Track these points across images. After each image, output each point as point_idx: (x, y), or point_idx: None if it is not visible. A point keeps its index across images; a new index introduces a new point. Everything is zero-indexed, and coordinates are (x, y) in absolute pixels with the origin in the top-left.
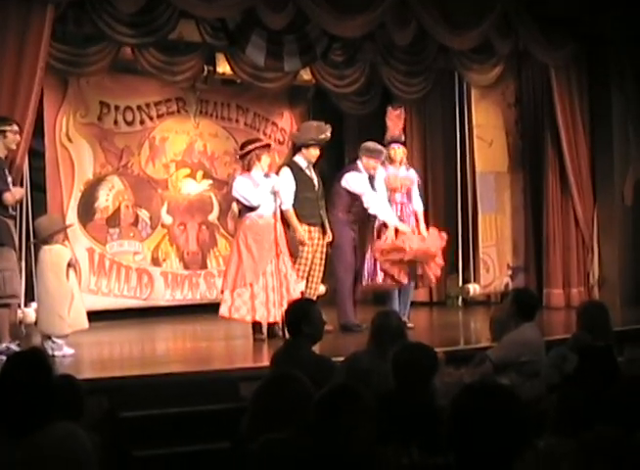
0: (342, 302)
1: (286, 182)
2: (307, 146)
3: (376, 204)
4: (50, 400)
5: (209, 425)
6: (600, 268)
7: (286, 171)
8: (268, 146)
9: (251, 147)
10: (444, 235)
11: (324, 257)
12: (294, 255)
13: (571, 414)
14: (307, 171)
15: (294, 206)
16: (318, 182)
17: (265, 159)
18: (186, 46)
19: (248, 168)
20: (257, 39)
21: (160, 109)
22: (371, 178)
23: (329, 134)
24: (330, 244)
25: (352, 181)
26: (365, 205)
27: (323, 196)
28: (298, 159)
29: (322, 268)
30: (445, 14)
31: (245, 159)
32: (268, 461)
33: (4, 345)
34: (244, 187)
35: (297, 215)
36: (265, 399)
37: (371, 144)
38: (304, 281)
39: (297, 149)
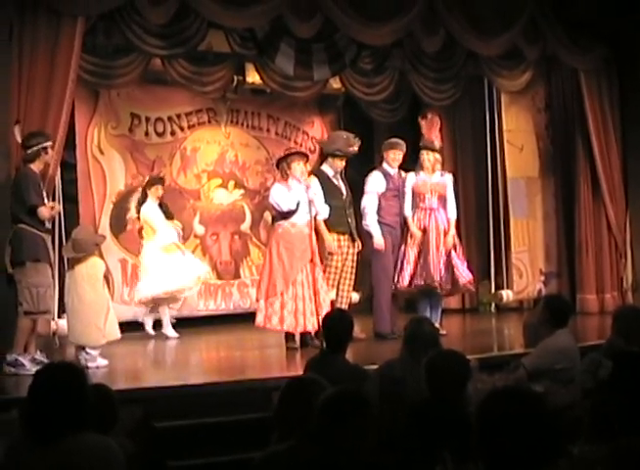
0: (379, 309)
1: (315, 191)
2: (334, 156)
3: (368, 206)
4: (82, 410)
5: (243, 434)
6: (633, 273)
7: (313, 180)
8: (300, 153)
9: (283, 155)
10: (469, 276)
11: (355, 265)
12: (322, 263)
13: (606, 420)
14: (334, 180)
15: None
16: (346, 190)
17: (296, 166)
18: (215, 56)
19: (284, 177)
20: (286, 48)
21: (191, 119)
22: (392, 178)
23: (356, 148)
24: (360, 252)
25: (369, 180)
26: (361, 205)
27: (351, 204)
28: (325, 167)
29: (353, 276)
30: (473, 20)
31: (279, 167)
32: None
33: (14, 356)
34: (278, 193)
35: (325, 224)
36: (285, 406)
37: (391, 139)
38: (335, 290)
39: (324, 157)
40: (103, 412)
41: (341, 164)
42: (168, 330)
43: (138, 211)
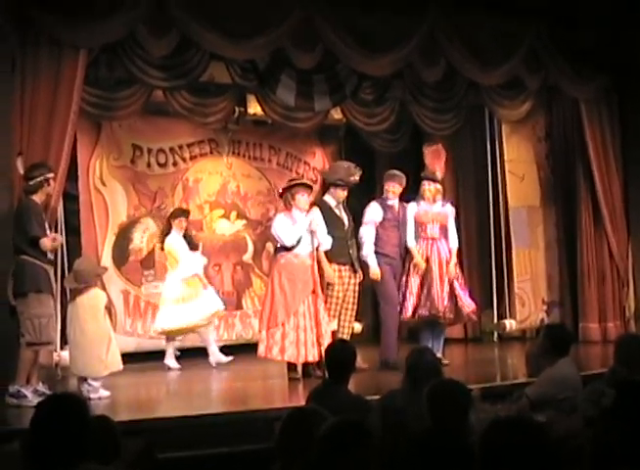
0: (385, 337)
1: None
2: (335, 186)
3: (365, 236)
4: (84, 441)
5: (246, 465)
6: (636, 301)
7: (315, 211)
8: (304, 185)
9: (286, 186)
10: (472, 305)
11: (356, 295)
12: (324, 294)
13: (608, 449)
14: (337, 210)
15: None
16: (348, 221)
17: (300, 197)
18: (217, 88)
19: (287, 207)
20: (287, 80)
21: (193, 150)
22: (391, 209)
23: (357, 178)
24: (362, 282)
25: (366, 210)
26: (359, 235)
27: (353, 235)
28: (328, 198)
29: (355, 307)
30: (474, 50)
31: (282, 198)
32: None
33: (16, 387)
34: (281, 226)
35: (326, 255)
36: (286, 436)
37: (392, 171)
38: (336, 320)
39: (326, 187)
40: (105, 444)
41: (342, 193)
42: (217, 356)
43: (161, 242)
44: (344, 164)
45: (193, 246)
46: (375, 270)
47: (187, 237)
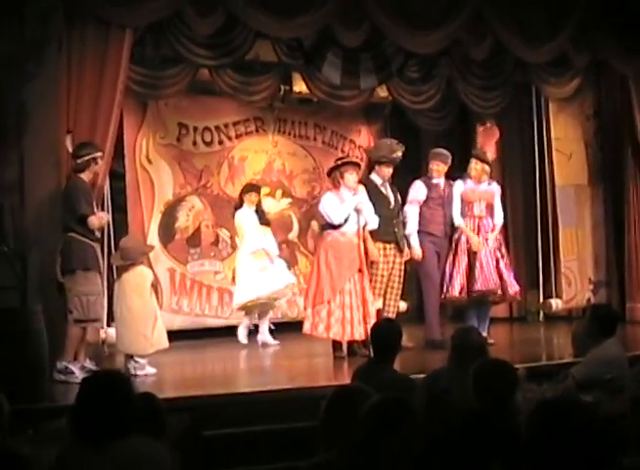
0: (428, 317)
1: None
2: (380, 163)
3: (409, 215)
4: (128, 416)
5: (290, 443)
6: None
7: (362, 190)
8: (354, 163)
9: (335, 164)
10: (516, 286)
11: (402, 274)
12: (369, 272)
13: None
14: (382, 189)
15: None
16: (394, 199)
17: (349, 176)
18: (262, 66)
19: (335, 186)
20: (333, 58)
21: (239, 129)
22: (436, 187)
23: (400, 154)
24: (408, 261)
25: (410, 189)
26: (403, 213)
27: (399, 213)
28: (374, 176)
29: (400, 286)
30: (522, 27)
31: (331, 176)
32: None
33: (63, 364)
34: (329, 204)
35: (371, 234)
36: (331, 415)
37: (437, 149)
38: (381, 299)
39: (372, 166)
40: (150, 421)
41: (388, 171)
42: (266, 336)
43: (232, 216)
44: (387, 141)
45: (264, 221)
46: (416, 250)
47: (259, 212)
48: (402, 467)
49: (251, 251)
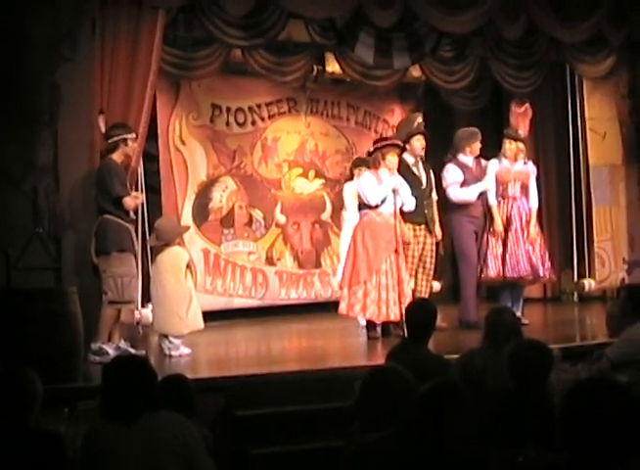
0: (465, 299)
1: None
2: (407, 141)
3: (456, 194)
4: (151, 393)
5: (325, 423)
6: None
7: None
8: (396, 145)
9: (377, 145)
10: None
11: (433, 254)
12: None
13: None
14: (414, 168)
15: None
16: (427, 179)
17: (391, 158)
18: (295, 46)
19: (374, 166)
20: (366, 37)
21: (272, 109)
22: (469, 169)
23: (420, 120)
24: (440, 242)
25: (445, 174)
26: (452, 199)
27: (430, 194)
28: (406, 156)
29: (432, 266)
30: (556, 6)
31: (371, 157)
32: (359, 464)
33: (98, 344)
34: (367, 184)
35: (401, 214)
36: (366, 395)
37: (467, 129)
38: (413, 279)
39: (402, 148)
40: (181, 402)
41: (419, 145)
42: None
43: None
44: (404, 118)
45: None
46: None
47: None
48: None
49: (352, 225)
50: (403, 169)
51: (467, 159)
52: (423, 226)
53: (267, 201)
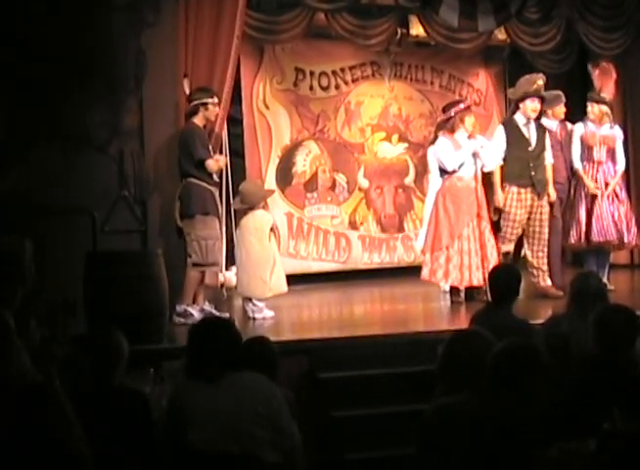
0: (550, 263)
1: (496, 141)
2: (522, 100)
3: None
4: (235, 353)
5: (407, 387)
6: None
7: (498, 130)
8: (469, 108)
9: (454, 110)
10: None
11: (544, 218)
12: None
13: None
14: (524, 129)
15: (504, 166)
16: (538, 140)
17: (469, 120)
18: (379, 9)
19: (451, 131)
20: (451, 0)
21: (355, 73)
22: (552, 133)
23: (541, 82)
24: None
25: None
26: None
27: (540, 156)
28: (518, 116)
29: (544, 230)
30: None
31: (448, 122)
32: (440, 426)
33: (183, 307)
34: (443, 149)
35: (505, 176)
36: (449, 359)
37: (549, 92)
38: (512, 244)
39: (516, 106)
40: (263, 364)
41: (533, 107)
42: None
43: None
44: (527, 76)
45: None
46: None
47: None
48: (530, 411)
49: None
50: (511, 129)
51: (549, 122)
52: (529, 189)
53: (350, 165)
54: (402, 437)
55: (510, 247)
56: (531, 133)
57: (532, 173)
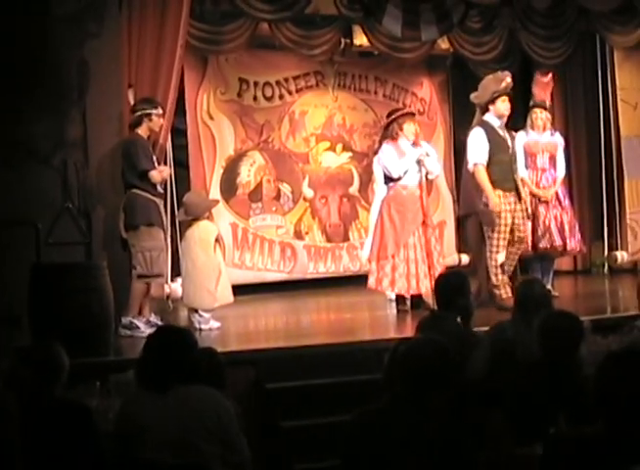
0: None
1: (476, 142)
2: (493, 101)
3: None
4: (189, 365)
5: (354, 396)
6: None
7: (477, 131)
8: (410, 114)
9: (393, 116)
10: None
11: (526, 222)
12: (490, 224)
13: None
14: (500, 131)
15: (487, 170)
16: (512, 143)
17: (408, 127)
18: (322, 19)
19: (393, 138)
20: (393, 9)
21: (299, 83)
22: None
23: (509, 80)
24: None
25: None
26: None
27: (516, 159)
28: (489, 117)
29: (524, 236)
30: None
31: (388, 129)
32: (362, 432)
33: (128, 319)
34: (388, 157)
35: (490, 181)
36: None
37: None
38: (504, 253)
39: (482, 110)
40: (211, 375)
41: (504, 106)
42: None
43: None
44: (490, 76)
45: None
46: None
47: None
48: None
49: None
50: (489, 132)
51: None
52: (513, 193)
53: (295, 175)
54: None
55: (502, 256)
56: (507, 135)
57: (514, 176)
